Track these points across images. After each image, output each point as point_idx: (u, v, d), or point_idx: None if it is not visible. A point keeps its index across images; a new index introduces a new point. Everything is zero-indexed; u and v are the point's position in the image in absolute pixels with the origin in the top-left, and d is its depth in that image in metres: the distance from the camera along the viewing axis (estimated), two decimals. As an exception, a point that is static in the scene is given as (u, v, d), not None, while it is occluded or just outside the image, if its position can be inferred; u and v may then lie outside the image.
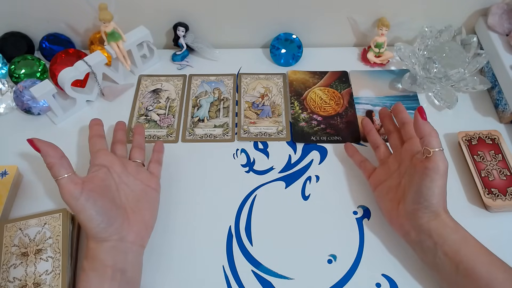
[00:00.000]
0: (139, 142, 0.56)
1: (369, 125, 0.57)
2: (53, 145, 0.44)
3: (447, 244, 0.43)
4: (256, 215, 0.53)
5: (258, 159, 0.58)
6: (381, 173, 0.52)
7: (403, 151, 0.50)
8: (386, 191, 0.50)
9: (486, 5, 0.65)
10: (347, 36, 0.71)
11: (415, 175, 0.45)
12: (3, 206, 0.51)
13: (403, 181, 0.48)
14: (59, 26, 0.68)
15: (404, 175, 0.48)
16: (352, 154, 0.56)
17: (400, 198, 0.48)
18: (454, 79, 0.60)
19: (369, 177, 0.53)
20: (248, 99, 0.65)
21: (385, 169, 0.52)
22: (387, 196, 0.50)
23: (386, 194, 0.50)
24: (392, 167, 0.51)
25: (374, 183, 0.52)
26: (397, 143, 0.52)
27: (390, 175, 0.51)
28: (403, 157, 0.49)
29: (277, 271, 0.49)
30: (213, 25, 0.69)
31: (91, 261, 0.43)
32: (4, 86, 0.63)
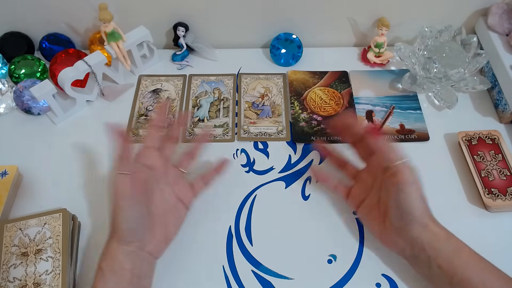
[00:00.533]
0: (195, 150, 0.53)
1: (325, 150, 0.55)
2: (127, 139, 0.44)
3: (440, 257, 0.42)
4: (256, 215, 0.53)
5: (258, 159, 0.58)
6: (358, 192, 0.50)
7: (373, 166, 0.48)
8: (368, 210, 0.48)
9: (486, 5, 0.65)
10: (347, 36, 0.71)
11: (389, 190, 0.44)
12: (3, 206, 0.51)
13: (382, 195, 0.46)
14: (59, 26, 0.68)
15: (381, 190, 0.46)
16: (324, 179, 0.53)
17: (384, 214, 0.46)
18: (454, 79, 0.60)
19: (347, 198, 0.51)
20: (248, 99, 0.65)
21: (360, 186, 0.50)
22: (371, 216, 0.48)
23: (369, 213, 0.48)
24: (368, 182, 0.49)
25: (354, 203, 0.50)
26: (365, 155, 0.49)
27: (367, 192, 0.48)
28: (376, 170, 0.47)
29: (277, 271, 0.49)
30: (213, 25, 0.69)
31: (110, 261, 0.42)
32: (4, 86, 0.63)
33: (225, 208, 0.53)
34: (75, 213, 0.51)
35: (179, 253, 0.50)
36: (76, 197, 0.54)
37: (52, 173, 0.57)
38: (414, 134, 0.60)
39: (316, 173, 0.55)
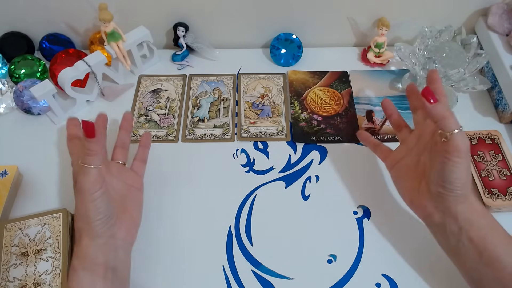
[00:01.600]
0: (123, 140, 0.54)
1: (391, 108, 0.54)
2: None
3: (473, 230, 0.40)
4: (256, 215, 0.53)
5: (258, 159, 0.58)
6: (398, 151, 0.49)
7: (424, 126, 0.47)
8: (405, 169, 0.47)
9: (486, 5, 0.65)
10: (347, 36, 0.71)
11: (436, 156, 0.42)
12: (3, 206, 0.51)
13: (423, 158, 0.45)
14: (59, 26, 0.68)
15: (423, 152, 0.46)
16: (365, 139, 0.55)
17: (420, 176, 0.45)
18: (454, 79, 0.60)
19: (385, 159, 0.51)
20: (248, 99, 0.65)
21: (403, 146, 0.49)
22: (406, 175, 0.47)
23: (406, 172, 0.47)
24: (410, 143, 0.48)
25: (391, 162, 0.49)
26: (420, 119, 0.49)
27: (408, 152, 0.48)
28: (423, 132, 0.46)
29: (277, 271, 0.49)
30: (213, 25, 0.69)
31: (82, 259, 0.42)
32: (4, 86, 0.63)
33: (225, 208, 0.53)
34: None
35: (179, 253, 0.50)
36: (76, 197, 0.54)
37: (52, 173, 0.57)
38: (414, 134, 0.60)
39: (359, 132, 0.57)
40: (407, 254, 0.49)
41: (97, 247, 0.42)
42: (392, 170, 0.49)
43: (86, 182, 0.40)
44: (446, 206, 0.42)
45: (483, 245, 0.40)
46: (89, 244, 0.42)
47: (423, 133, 0.47)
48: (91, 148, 0.40)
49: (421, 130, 0.47)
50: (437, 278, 0.47)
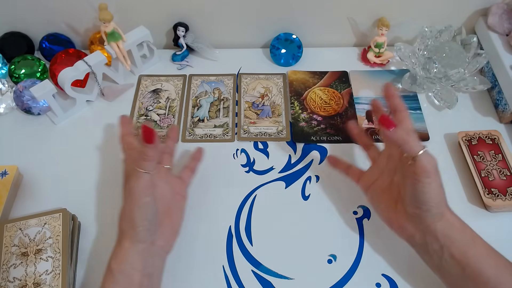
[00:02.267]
0: (171, 148, 0.54)
1: (356, 128, 0.53)
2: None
3: (454, 246, 0.41)
4: (256, 215, 0.53)
5: (258, 159, 0.58)
6: (371, 173, 0.49)
7: (390, 149, 0.47)
8: (379, 191, 0.47)
9: (486, 5, 0.65)
10: (347, 36, 0.71)
11: (406, 178, 0.42)
12: (3, 206, 0.51)
13: (396, 178, 0.46)
14: (59, 26, 0.68)
15: (395, 172, 0.46)
16: (335, 163, 0.54)
17: (396, 197, 0.45)
18: (454, 79, 0.60)
19: (358, 180, 0.50)
20: (248, 99, 0.65)
21: (374, 167, 0.49)
22: (382, 197, 0.47)
23: (381, 194, 0.47)
24: (381, 164, 0.48)
25: (364, 184, 0.49)
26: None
27: (380, 173, 0.48)
28: (392, 152, 0.46)
29: (277, 271, 0.49)
30: (213, 25, 0.69)
31: (120, 262, 0.41)
32: (4, 86, 0.63)
33: (225, 208, 0.53)
34: (75, 213, 0.51)
35: (179, 253, 0.50)
36: (76, 197, 0.54)
37: (52, 173, 0.57)
38: (414, 134, 0.60)
39: (328, 158, 0.55)
40: (407, 254, 0.49)
41: (137, 252, 0.42)
42: (368, 192, 0.49)
43: (138, 186, 0.41)
44: (424, 225, 0.42)
45: (465, 260, 0.40)
46: (130, 247, 0.42)
47: (392, 153, 0.46)
48: (148, 154, 0.40)
49: (390, 150, 0.47)
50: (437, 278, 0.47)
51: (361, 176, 0.50)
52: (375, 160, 0.50)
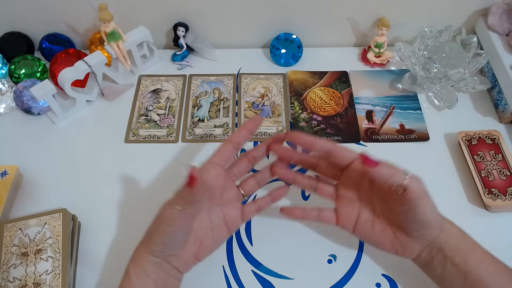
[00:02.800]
0: (264, 178, 0.48)
1: (289, 175, 0.48)
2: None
3: (456, 255, 0.41)
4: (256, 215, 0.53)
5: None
6: (347, 211, 0.45)
7: (352, 179, 0.45)
8: (368, 225, 0.44)
9: (486, 5, 0.65)
10: (347, 36, 0.71)
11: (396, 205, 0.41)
12: (3, 206, 0.51)
13: (377, 206, 0.44)
14: (59, 26, 0.68)
15: (373, 200, 0.44)
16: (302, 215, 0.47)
17: (388, 224, 0.44)
18: (454, 79, 0.60)
19: (338, 223, 0.46)
20: (248, 99, 0.65)
21: (346, 205, 0.45)
22: (374, 230, 0.44)
23: (371, 228, 0.44)
24: (352, 197, 0.45)
25: (348, 225, 0.45)
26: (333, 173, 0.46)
27: (357, 207, 0.45)
28: (357, 182, 0.44)
29: (277, 271, 0.49)
30: (213, 25, 0.69)
31: (137, 267, 0.41)
32: (4, 86, 0.63)
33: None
34: (75, 213, 0.51)
35: (179, 253, 0.50)
36: (76, 197, 0.54)
37: (52, 173, 0.57)
38: (414, 134, 0.60)
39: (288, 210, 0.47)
40: (407, 254, 0.49)
41: (151, 263, 0.41)
42: (356, 232, 0.45)
43: (165, 215, 0.40)
44: (430, 241, 0.42)
45: (466, 268, 0.41)
46: (145, 255, 0.41)
47: (358, 183, 0.44)
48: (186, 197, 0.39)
49: (351, 181, 0.45)
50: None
51: (339, 218, 0.46)
52: (340, 197, 0.46)
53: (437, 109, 0.63)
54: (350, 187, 0.45)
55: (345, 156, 0.43)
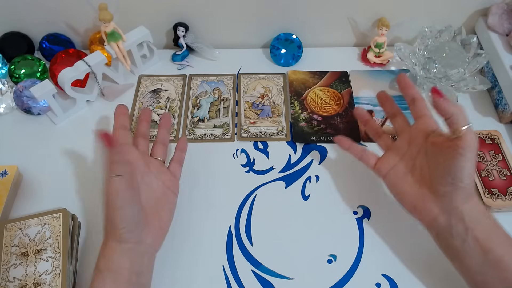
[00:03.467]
0: (164, 137, 0.53)
1: (365, 115, 0.53)
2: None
3: (479, 230, 0.40)
4: (256, 215, 0.53)
5: (258, 159, 0.58)
6: (388, 158, 0.49)
7: (415, 130, 0.47)
8: (401, 175, 0.47)
9: (486, 5, 0.65)
10: (347, 36, 0.71)
11: (440, 155, 0.42)
12: (3, 206, 0.51)
13: (418, 162, 0.45)
14: (59, 26, 0.68)
15: (417, 156, 0.46)
16: (348, 147, 0.52)
17: (420, 180, 0.45)
18: (454, 79, 0.60)
19: (375, 166, 0.49)
20: (248, 99, 0.65)
21: (392, 153, 0.49)
22: (403, 181, 0.46)
23: (402, 179, 0.46)
24: (401, 149, 0.48)
25: (383, 169, 0.48)
26: (403, 125, 0.49)
27: (400, 157, 0.48)
28: (414, 137, 0.47)
29: (277, 271, 0.49)
30: (213, 25, 0.69)
31: (108, 261, 0.41)
32: (4, 86, 0.63)
33: (225, 208, 0.53)
34: (75, 213, 0.51)
35: (179, 253, 0.50)
36: (76, 197, 0.54)
37: (52, 173, 0.57)
38: (414, 134, 0.60)
39: (339, 139, 0.53)
40: (407, 254, 0.49)
41: (123, 251, 0.41)
42: (386, 178, 0.48)
43: (110, 190, 0.40)
44: (453, 206, 0.41)
45: (488, 245, 0.40)
46: (115, 247, 0.41)
47: (415, 137, 0.47)
48: (112, 158, 0.40)
49: (411, 135, 0.47)
50: (436, 278, 0.47)
51: (378, 162, 0.49)
52: (390, 147, 0.50)
53: (437, 109, 0.63)
54: (405, 141, 0.48)
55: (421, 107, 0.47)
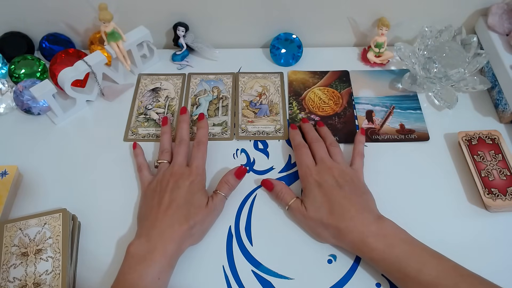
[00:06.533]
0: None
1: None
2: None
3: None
4: (256, 215, 0.53)
5: (258, 159, 0.58)
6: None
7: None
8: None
9: (486, 5, 0.65)
10: (347, 36, 0.71)
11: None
12: (3, 206, 0.51)
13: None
14: (59, 26, 0.68)
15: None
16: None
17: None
18: (454, 79, 0.60)
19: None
20: (245, 98, 0.65)
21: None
22: None
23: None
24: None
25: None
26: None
27: None
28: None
29: (277, 271, 0.49)
30: (213, 25, 0.69)
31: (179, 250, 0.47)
32: (4, 86, 0.63)
33: (225, 208, 0.53)
34: (75, 213, 0.51)
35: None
36: (76, 197, 0.54)
37: (52, 173, 0.57)
38: (414, 134, 0.60)
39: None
40: (407, 254, 0.49)
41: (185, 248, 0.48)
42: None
43: (216, 204, 0.51)
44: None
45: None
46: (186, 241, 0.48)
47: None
48: (231, 184, 0.52)
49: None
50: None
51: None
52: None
53: (437, 109, 0.63)
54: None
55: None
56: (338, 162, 0.52)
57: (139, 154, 0.57)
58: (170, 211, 0.47)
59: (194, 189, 0.50)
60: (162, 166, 0.53)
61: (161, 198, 0.48)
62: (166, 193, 0.49)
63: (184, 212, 0.47)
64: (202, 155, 0.54)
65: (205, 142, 0.55)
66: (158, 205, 0.48)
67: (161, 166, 0.53)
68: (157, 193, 0.49)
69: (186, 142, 0.55)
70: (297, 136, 0.57)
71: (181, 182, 0.49)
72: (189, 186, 0.49)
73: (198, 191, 0.50)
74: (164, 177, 0.51)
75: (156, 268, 0.43)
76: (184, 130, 0.56)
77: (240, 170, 0.53)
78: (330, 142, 0.56)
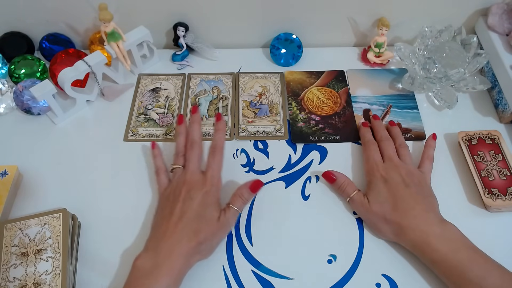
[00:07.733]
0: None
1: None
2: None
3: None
4: (256, 215, 0.53)
5: (258, 159, 0.58)
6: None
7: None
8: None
9: (486, 5, 0.65)
10: (347, 36, 0.71)
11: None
12: (3, 206, 0.51)
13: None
14: (59, 26, 0.68)
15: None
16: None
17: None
18: (454, 79, 0.60)
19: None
20: (245, 98, 0.65)
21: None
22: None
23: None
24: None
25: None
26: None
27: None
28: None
29: (277, 271, 0.49)
30: (213, 25, 0.69)
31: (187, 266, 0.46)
32: (4, 86, 0.63)
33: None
34: (75, 213, 0.51)
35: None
36: (76, 197, 0.54)
37: (52, 173, 0.57)
38: (411, 133, 0.60)
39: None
40: (407, 254, 0.49)
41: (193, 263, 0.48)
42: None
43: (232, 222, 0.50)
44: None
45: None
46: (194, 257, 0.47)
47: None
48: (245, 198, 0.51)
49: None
50: (436, 278, 0.47)
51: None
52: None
53: (437, 109, 0.63)
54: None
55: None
56: (407, 163, 0.52)
57: (157, 156, 0.55)
58: (181, 225, 0.45)
59: (208, 201, 0.48)
60: (177, 171, 0.52)
61: (173, 209, 0.47)
62: (178, 204, 0.47)
63: (194, 227, 0.46)
64: (218, 163, 0.52)
65: (221, 148, 0.53)
66: (169, 215, 0.47)
67: (176, 171, 0.52)
68: (170, 202, 0.48)
69: (198, 144, 0.53)
70: (367, 133, 0.57)
71: (194, 193, 0.48)
72: (202, 198, 0.48)
73: (211, 204, 0.48)
74: (177, 185, 0.49)
75: (164, 283, 0.42)
76: (195, 132, 0.55)
77: (255, 184, 0.51)
78: (400, 143, 0.55)
